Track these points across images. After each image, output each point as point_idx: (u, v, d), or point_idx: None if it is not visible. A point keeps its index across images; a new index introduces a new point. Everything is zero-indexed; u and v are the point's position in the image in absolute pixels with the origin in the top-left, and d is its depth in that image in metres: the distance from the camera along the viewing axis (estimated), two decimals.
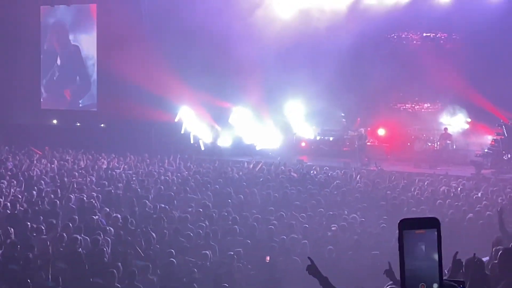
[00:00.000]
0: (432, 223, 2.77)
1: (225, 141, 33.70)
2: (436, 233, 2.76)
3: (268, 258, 13.28)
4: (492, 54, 30.08)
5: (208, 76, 32.39)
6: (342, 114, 34.54)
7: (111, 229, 15.36)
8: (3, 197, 19.05)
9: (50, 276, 12.23)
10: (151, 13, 33.94)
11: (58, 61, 39.50)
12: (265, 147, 32.96)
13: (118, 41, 33.58)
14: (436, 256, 2.74)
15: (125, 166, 26.59)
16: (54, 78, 39.52)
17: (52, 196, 19.27)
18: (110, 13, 35.44)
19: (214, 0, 31.76)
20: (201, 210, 17.55)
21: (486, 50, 30.18)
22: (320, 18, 32.62)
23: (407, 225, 2.77)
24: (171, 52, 32.48)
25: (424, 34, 33.59)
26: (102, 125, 36.95)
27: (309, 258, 6.87)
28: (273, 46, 31.11)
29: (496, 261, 8.70)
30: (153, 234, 14.84)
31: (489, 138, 29.67)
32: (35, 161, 26.96)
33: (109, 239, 14.40)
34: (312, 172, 25.67)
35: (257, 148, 33.09)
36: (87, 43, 38.63)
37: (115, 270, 12.13)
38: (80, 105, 39.06)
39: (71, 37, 39.17)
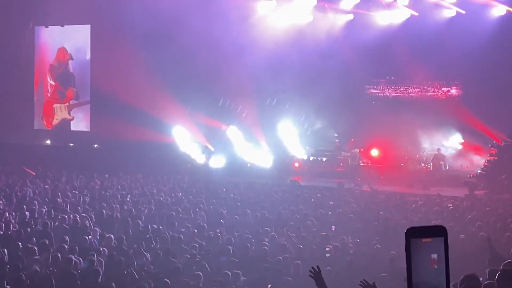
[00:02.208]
0: (439, 232, 2.75)
1: (218, 162, 33.67)
2: (443, 241, 2.74)
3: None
4: (486, 75, 30.18)
5: (202, 96, 32.46)
6: (336, 135, 34.57)
7: (105, 249, 15.30)
8: None
9: None
10: (145, 34, 34.01)
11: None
12: (259, 167, 32.91)
13: (112, 62, 33.69)
14: (443, 265, 2.72)
15: (119, 187, 26.53)
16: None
17: (45, 216, 19.22)
18: (104, 33, 35.56)
19: (208, 21, 31.81)
20: (196, 231, 17.52)
21: (479, 71, 30.28)
22: (313, 38, 32.71)
23: (414, 233, 2.74)
24: (165, 73, 32.54)
25: (417, 55, 33.65)
26: (95, 145, 36.92)
27: (317, 267, 6.81)
28: (266, 66, 31.17)
29: (490, 281, 8.69)
30: (147, 255, 14.80)
31: (482, 159, 29.73)
32: (28, 182, 26.91)
33: (102, 259, 14.33)
34: (305, 192, 25.63)
35: (251, 169, 33.05)
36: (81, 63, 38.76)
37: None
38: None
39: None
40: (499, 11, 30.71)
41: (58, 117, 39.25)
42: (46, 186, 26.11)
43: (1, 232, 17.11)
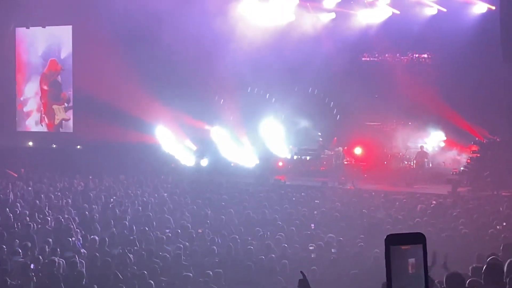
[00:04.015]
0: (418, 239, 2.79)
1: (202, 161, 33.62)
2: (422, 248, 2.77)
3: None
4: (467, 73, 30.31)
5: (185, 96, 32.43)
6: (319, 134, 34.59)
7: (87, 251, 15.25)
8: None
9: None
10: (127, 34, 33.89)
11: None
12: (243, 167, 32.87)
13: (94, 63, 33.61)
14: (422, 272, 2.75)
15: (102, 188, 26.46)
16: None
17: (28, 218, 19.13)
18: (85, 34, 35.46)
19: (189, 20, 31.76)
20: (179, 231, 17.51)
21: (461, 68, 30.43)
22: (295, 37, 32.72)
23: (393, 240, 2.77)
24: (147, 73, 32.49)
25: (399, 53, 33.81)
26: (78, 146, 36.80)
27: (301, 272, 6.81)
28: (248, 66, 31.14)
29: (474, 279, 8.74)
30: (130, 256, 14.75)
31: (465, 156, 29.88)
32: (10, 184, 26.77)
33: (83, 261, 14.26)
34: (289, 191, 25.65)
35: (235, 168, 33.01)
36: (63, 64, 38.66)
37: None
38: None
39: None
40: (479, 8, 30.85)
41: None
42: (29, 188, 26.01)
43: None
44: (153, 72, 32.81)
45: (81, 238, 16.86)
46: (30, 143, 38.80)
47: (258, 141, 33.99)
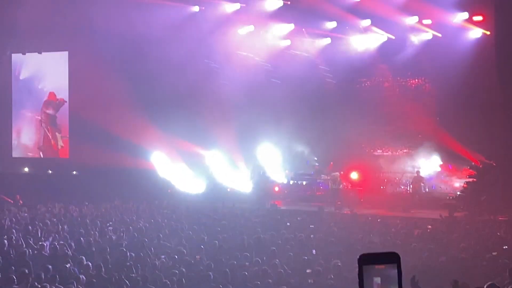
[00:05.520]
0: (392, 258, 2.72)
1: (198, 186, 33.52)
2: (396, 268, 2.71)
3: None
4: (463, 97, 30.33)
5: (181, 121, 32.41)
6: (315, 158, 34.56)
7: (84, 277, 15.13)
8: None
9: None
10: (122, 59, 33.94)
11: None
12: (238, 191, 32.77)
13: (90, 88, 33.63)
14: None
15: (98, 214, 26.35)
16: None
17: (24, 245, 19.02)
18: (81, 60, 35.49)
19: (185, 45, 31.84)
20: (175, 256, 17.40)
21: (456, 93, 30.44)
22: (290, 62, 32.82)
23: (366, 260, 2.71)
24: (143, 98, 32.50)
25: (395, 78, 33.85)
26: (74, 172, 36.71)
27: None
28: (244, 91, 31.17)
29: None
30: (127, 282, 14.66)
31: (461, 181, 29.83)
32: (5, 210, 26.65)
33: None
34: (285, 216, 25.56)
35: (231, 193, 32.91)
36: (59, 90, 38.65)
37: None
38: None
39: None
40: (475, 33, 30.94)
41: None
42: (25, 214, 25.88)
43: None
44: (149, 97, 32.83)
45: (77, 265, 16.72)
46: (26, 169, 38.70)
47: (254, 165, 33.88)
